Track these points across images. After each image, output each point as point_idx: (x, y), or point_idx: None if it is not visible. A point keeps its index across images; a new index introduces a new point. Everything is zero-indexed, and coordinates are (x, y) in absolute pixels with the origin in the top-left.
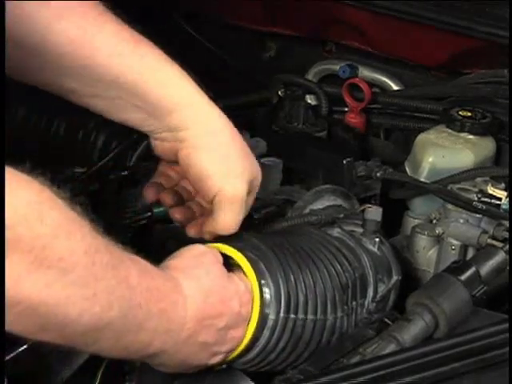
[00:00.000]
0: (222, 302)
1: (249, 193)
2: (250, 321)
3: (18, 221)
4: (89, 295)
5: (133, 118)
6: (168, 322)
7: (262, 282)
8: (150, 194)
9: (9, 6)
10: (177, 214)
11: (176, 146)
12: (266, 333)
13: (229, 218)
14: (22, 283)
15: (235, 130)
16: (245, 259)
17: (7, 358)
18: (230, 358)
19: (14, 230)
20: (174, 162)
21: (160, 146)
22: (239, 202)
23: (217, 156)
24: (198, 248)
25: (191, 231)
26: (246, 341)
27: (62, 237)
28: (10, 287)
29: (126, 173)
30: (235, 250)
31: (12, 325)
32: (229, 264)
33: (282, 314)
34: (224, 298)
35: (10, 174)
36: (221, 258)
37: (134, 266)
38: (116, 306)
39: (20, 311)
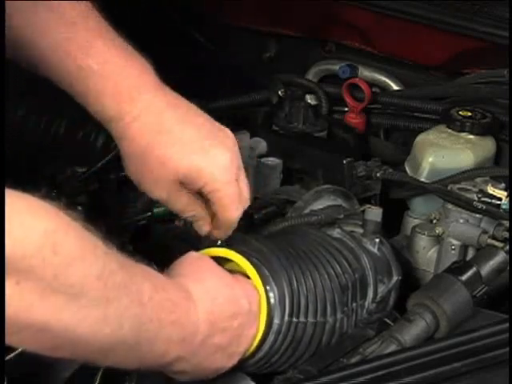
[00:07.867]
0: (230, 302)
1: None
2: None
3: (31, 252)
4: (100, 317)
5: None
6: (182, 330)
7: (267, 287)
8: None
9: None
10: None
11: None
12: (271, 337)
13: (226, 201)
14: (35, 308)
15: (192, 108)
16: (250, 265)
17: (7, 357)
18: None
19: (27, 260)
20: None
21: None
22: (227, 177)
23: (170, 136)
24: (192, 255)
25: (203, 229)
26: (253, 346)
27: (75, 264)
28: (22, 312)
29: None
30: (240, 256)
31: (25, 345)
32: (229, 268)
33: (286, 318)
34: (232, 297)
35: (27, 201)
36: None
37: (146, 280)
38: (127, 324)
39: (32, 333)
